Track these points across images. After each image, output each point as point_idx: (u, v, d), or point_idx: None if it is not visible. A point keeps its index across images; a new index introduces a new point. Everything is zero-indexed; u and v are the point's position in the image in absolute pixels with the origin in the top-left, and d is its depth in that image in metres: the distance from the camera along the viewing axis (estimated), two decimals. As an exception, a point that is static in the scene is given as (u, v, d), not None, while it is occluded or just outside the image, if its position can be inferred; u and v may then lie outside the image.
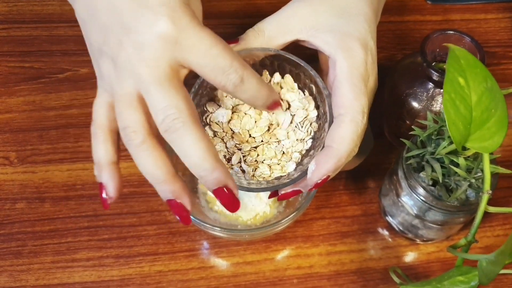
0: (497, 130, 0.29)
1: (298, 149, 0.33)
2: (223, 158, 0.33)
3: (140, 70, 0.27)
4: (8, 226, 0.42)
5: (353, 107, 0.31)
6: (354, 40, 0.32)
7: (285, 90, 0.34)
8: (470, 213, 0.36)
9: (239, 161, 0.33)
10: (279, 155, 0.33)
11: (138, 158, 0.28)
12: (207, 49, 0.27)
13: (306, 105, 0.34)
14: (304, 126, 0.33)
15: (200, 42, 0.27)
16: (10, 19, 0.51)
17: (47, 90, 0.48)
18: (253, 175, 0.32)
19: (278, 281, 0.41)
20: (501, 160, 0.43)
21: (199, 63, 0.27)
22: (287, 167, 0.33)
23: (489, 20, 0.54)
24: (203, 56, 0.27)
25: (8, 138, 0.45)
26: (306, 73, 0.33)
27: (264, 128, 0.33)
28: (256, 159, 0.33)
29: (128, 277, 0.40)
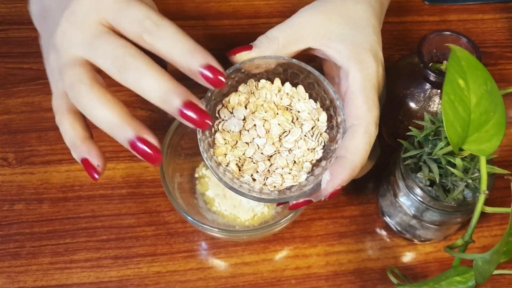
0: (495, 133, 0.29)
1: (309, 158, 0.33)
2: (235, 167, 0.32)
3: (75, 32, 0.27)
4: (6, 227, 0.42)
5: (366, 118, 0.31)
6: (366, 51, 0.33)
7: (296, 100, 0.34)
8: (467, 214, 0.36)
9: (252, 170, 0.33)
10: (291, 164, 0.33)
11: (90, 107, 0.27)
12: (122, 5, 0.27)
13: (315, 115, 0.34)
14: (315, 135, 0.33)
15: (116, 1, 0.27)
16: (9, 20, 0.51)
17: (46, 91, 0.48)
18: (265, 184, 0.33)
19: (276, 281, 0.41)
20: (498, 160, 0.43)
21: (115, 19, 0.27)
22: (299, 176, 0.33)
23: (486, 20, 0.54)
24: (117, 11, 0.27)
25: (6, 139, 0.45)
26: (319, 83, 0.33)
27: (276, 138, 0.33)
28: (269, 168, 0.33)
29: (127, 278, 0.40)
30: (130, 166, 0.45)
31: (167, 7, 0.53)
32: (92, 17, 0.27)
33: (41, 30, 0.33)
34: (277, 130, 0.33)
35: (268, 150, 0.33)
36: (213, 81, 0.27)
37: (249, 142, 0.33)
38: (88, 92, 0.26)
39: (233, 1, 0.54)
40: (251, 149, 0.33)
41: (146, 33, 0.27)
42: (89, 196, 0.43)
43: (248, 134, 0.33)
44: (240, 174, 0.33)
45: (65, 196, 0.43)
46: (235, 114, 0.33)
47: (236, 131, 0.33)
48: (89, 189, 0.44)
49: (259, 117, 0.33)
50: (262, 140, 0.33)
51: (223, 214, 0.42)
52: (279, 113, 0.34)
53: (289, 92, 0.34)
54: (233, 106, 0.33)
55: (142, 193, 0.44)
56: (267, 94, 0.34)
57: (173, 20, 0.54)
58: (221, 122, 0.33)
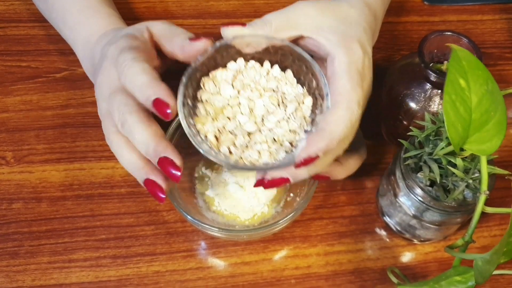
0: (496, 132, 0.29)
1: (290, 139, 0.33)
2: (213, 138, 0.33)
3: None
4: (4, 226, 0.41)
5: (349, 95, 0.32)
6: (355, 41, 0.34)
7: (283, 83, 0.34)
8: (468, 214, 0.36)
9: (230, 142, 0.33)
10: (270, 141, 0.33)
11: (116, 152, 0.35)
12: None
13: (301, 98, 0.34)
14: (298, 118, 0.33)
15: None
16: (6, 18, 0.51)
17: (44, 89, 0.48)
18: (241, 157, 0.32)
19: (276, 281, 0.41)
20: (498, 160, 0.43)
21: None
22: (276, 154, 0.33)
23: (486, 21, 0.54)
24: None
25: (4, 138, 0.45)
26: (308, 67, 0.34)
27: (259, 118, 0.33)
28: (247, 143, 0.33)
29: (126, 277, 0.40)
30: (129, 165, 0.44)
31: (167, 6, 0.53)
32: (112, 75, 0.34)
33: (93, 78, 0.40)
34: (261, 110, 0.33)
35: (249, 127, 0.33)
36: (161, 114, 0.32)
37: (231, 117, 0.33)
38: (113, 139, 0.34)
39: (232, 0, 0.54)
40: (232, 124, 0.33)
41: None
42: (88, 195, 0.43)
43: (231, 110, 0.33)
44: (218, 146, 0.33)
45: (64, 195, 0.43)
46: (221, 90, 0.34)
47: (220, 106, 0.33)
48: (88, 188, 0.43)
49: (244, 96, 0.33)
50: (245, 117, 0.33)
51: (223, 213, 0.42)
52: (265, 95, 0.34)
53: (277, 76, 0.35)
54: (219, 81, 0.34)
55: (142, 192, 0.43)
56: (256, 76, 0.34)
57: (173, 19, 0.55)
58: (205, 93, 0.34)
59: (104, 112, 0.35)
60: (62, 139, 0.46)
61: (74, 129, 0.46)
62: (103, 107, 0.35)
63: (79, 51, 0.42)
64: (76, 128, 0.46)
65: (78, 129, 0.46)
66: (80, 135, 0.46)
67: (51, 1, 0.44)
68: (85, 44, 0.40)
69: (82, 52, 0.41)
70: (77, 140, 0.45)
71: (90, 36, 0.40)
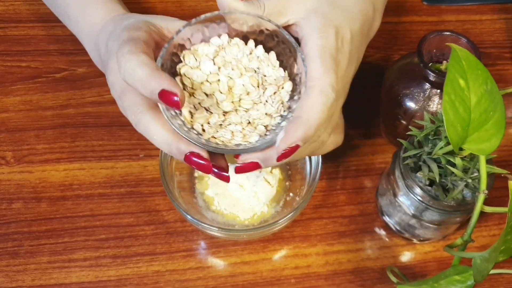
0: (495, 132, 0.30)
1: (265, 122, 0.32)
2: (188, 114, 0.32)
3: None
4: (4, 226, 0.41)
5: (322, 80, 0.31)
6: (332, 25, 0.33)
7: (265, 64, 0.34)
8: (467, 213, 0.36)
9: (204, 120, 0.32)
10: (245, 123, 0.32)
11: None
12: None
13: (281, 82, 0.34)
14: (275, 102, 0.33)
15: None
16: (6, 18, 0.51)
17: (44, 89, 0.48)
18: (213, 136, 0.32)
19: (276, 281, 0.41)
20: (497, 160, 0.44)
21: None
22: (250, 136, 0.32)
23: (484, 21, 0.54)
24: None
25: (4, 138, 0.45)
26: (292, 51, 0.33)
27: (236, 97, 0.33)
28: (221, 122, 0.32)
29: (126, 277, 0.40)
30: (129, 165, 0.45)
31: (166, 6, 0.53)
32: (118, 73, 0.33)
33: (103, 70, 0.39)
34: (240, 89, 0.33)
35: (225, 106, 0.32)
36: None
37: (208, 94, 0.32)
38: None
39: (232, 0, 0.54)
40: (209, 101, 0.32)
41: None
42: (87, 195, 0.43)
43: (210, 86, 0.32)
44: (191, 122, 0.32)
45: (64, 195, 0.43)
46: (201, 65, 0.33)
47: (198, 81, 0.32)
48: (88, 188, 0.43)
49: (224, 73, 0.33)
50: (222, 96, 0.32)
51: (223, 213, 0.42)
52: (246, 75, 0.33)
53: (260, 56, 0.34)
54: (200, 55, 0.33)
55: (141, 192, 0.44)
56: (238, 53, 0.33)
57: (172, 19, 0.54)
58: (184, 66, 0.33)
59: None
60: (62, 139, 0.46)
61: (74, 129, 0.46)
62: (120, 105, 0.35)
63: (85, 43, 0.41)
64: (76, 128, 0.46)
65: (78, 129, 0.46)
66: (80, 135, 0.46)
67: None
68: (89, 35, 0.40)
69: (88, 44, 0.40)
70: (76, 140, 0.46)
71: (92, 27, 0.39)
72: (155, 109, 0.32)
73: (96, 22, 0.39)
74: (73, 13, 0.42)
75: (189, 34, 0.33)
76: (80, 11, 0.41)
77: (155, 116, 0.31)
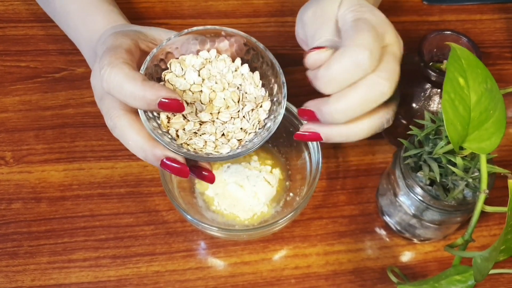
0: (495, 131, 0.29)
1: (239, 136, 0.33)
2: (165, 118, 0.33)
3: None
4: (3, 227, 0.41)
5: (353, 39, 0.31)
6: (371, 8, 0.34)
7: (248, 83, 0.35)
8: (467, 213, 0.36)
9: (179, 126, 0.33)
10: (219, 134, 0.33)
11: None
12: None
13: (260, 101, 0.35)
14: (252, 118, 0.34)
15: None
16: (6, 18, 0.51)
17: (43, 89, 0.48)
18: (186, 143, 0.33)
19: (276, 281, 0.40)
20: (498, 159, 0.44)
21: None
22: (221, 148, 0.33)
23: (485, 21, 0.54)
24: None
25: (3, 138, 0.45)
26: (274, 74, 0.34)
27: (215, 109, 0.33)
28: (196, 131, 0.33)
29: (125, 277, 0.40)
30: (129, 165, 0.45)
31: (166, 6, 0.53)
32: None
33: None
34: (220, 103, 0.33)
35: (203, 116, 0.33)
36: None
37: (189, 103, 0.33)
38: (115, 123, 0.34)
39: (232, 0, 0.54)
40: (188, 109, 0.33)
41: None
42: (87, 195, 0.43)
43: (191, 95, 0.33)
44: (167, 126, 0.33)
45: (63, 195, 0.43)
46: (186, 74, 0.34)
47: (181, 89, 0.33)
48: (87, 188, 0.43)
49: (208, 85, 0.33)
50: (202, 106, 0.33)
51: (223, 213, 0.42)
52: (228, 90, 0.34)
53: (244, 74, 0.35)
54: (187, 65, 0.34)
55: (141, 192, 0.43)
56: (224, 69, 0.34)
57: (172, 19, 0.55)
58: (170, 73, 0.34)
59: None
60: (61, 139, 0.45)
61: (73, 129, 0.46)
62: (100, 108, 0.35)
63: (84, 51, 0.42)
64: (75, 128, 0.46)
65: (77, 129, 0.46)
66: (79, 135, 0.46)
67: (53, 4, 0.44)
68: (88, 44, 0.40)
69: (87, 52, 0.41)
70: (76, 140, 0.45)
71: (91, 36, 0.40)
72: (132, 114, 0.32)
73: (96, 31, 0.40)
74: (73, 21, 0.42)
75: (179, 43, 0.34)
76: (80, 19, 0.41)
77: (131, 122, 0.32)
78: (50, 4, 0.44)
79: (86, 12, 0.41)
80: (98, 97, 0.35)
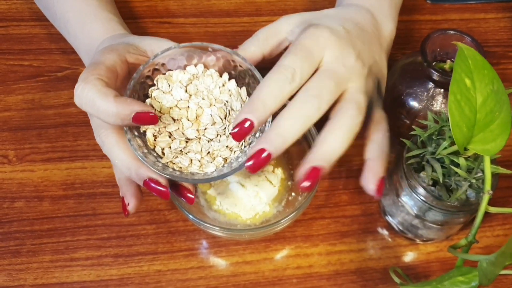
0: (500, 132, 0.29)
1: (224, 155, 0.33)
2: (151, 136, 0.33)
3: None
4: (6, 225, 0.41)
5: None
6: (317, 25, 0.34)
7: (234, 98, 0.34)
8: (470, 213, 0.36)
9: (165, 144, 0.33)
10: (204, 152, 0.33)
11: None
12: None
13: None
14: None
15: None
16: (9, 17, 0.51)
17: (46, 88, 0.48)
18: (172, 162, 0.33)
19: (278, 280, 0.40)
20: (501, 160, 0.43)
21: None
22: (206, 166, 0.33)
23: (489, 19, 0.54)
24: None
25: (6, 137, 0.45)
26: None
27: (202, 126, 0.33)
28: (182, 149, 0.33)
29: (127, 276, 0.40)
30: (131, 164, 0.44)
31: (168, 5, 0.53)
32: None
33: None
34: (207, 119, 0.33)
35: (190, 133, 0.33)
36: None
37: (176, 119, 0.33)
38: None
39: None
40: (174, 126, 0.33)
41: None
42: (89, 194, 0.43)
43: (178, 112, 0.33)
44: (153, 144, 0.33)
45: (66, 194, 0.43)
46: (173, 90, 0.33)
47: (167, 105, 0.33)
48: (90, 187, 0.43)
49: (195, 101, 0.33)
50: (189, 123, 0.33)
51: (225, 212, 0.42)
52: (215, 106, 0.34)
53: (231, 90, 0.35)
54: (174, 81, 0.34)
55: (143, 191, 0.43)
56: (211, 84, 0.34)
57: (174, 18, 0.54)
58: (156, 90, 0.34)
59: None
60: (63, 138, 0.46)
61: (75, 128, 0.46)
62: (91, 123, 0.36)
63: (84, 59, 0.42)
64: (77, 127, 0.46)
65: (80, 128, 0.46)
66: (82, 134, 0.46)
67: (53, 9, 0.44)
68: (87, 52, 0.40)
69: (86, 59, 0.41)
70: (78, 139, 0.45)
71: (90, 44, 0.40)
72: (119, 133, 0.32)
73: (94, 39, 0.40)
74: (73, 29, 0.42)
75: (165, 59, 0.34)
76: (79, 27, 0.41)
77: (118, 140, 0.32)
78: (50, 10, 0.44)
79: (85, 20, 0.41)
80: (89, 113, 0.35)
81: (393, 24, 0.41)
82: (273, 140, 0.30)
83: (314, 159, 0.31)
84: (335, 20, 0.35)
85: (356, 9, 0.38)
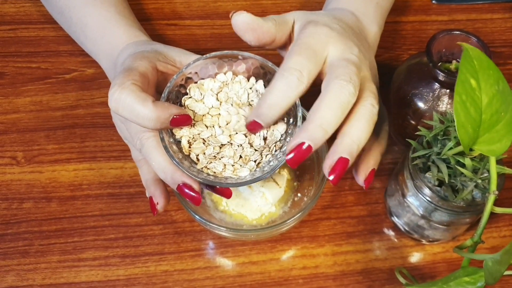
0: (506, 133, 0.29)
1: (255, 158, 0.34)
2: (186, 143, 0.33)
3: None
4: (15, 226, 0.42)
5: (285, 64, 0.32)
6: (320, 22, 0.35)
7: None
8: (476, 214, 0.36)
9: (200, 151, 0.33)
10: (237, 157, 0.34)
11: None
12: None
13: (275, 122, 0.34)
14: (268, 140, 0.34)
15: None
16: (17, 20, 0.52)
17: (54, 90, 0.48)
18: (206, 167, 0.33)
19: (284, 281, 0.41)
20: (508, 160, 0.43)
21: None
22: (239, 171, 0.33)
23: (495, 20, 0.53)
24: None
25: (15, 138, 0.46)
26: None
27: (233, 131, 0.34)
28: (216, 155, 0.33)
29: (134, 276, 0.40)
30: (138, 165, 0.45)
31: (175, 7, 0.53)
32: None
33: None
34: (237, 125, 0.34)
35: (222, 139, 0.34)
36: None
37: (209, 126, 0.34)
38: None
39: (240, 0, 0.54)
40: (208, 133, 0.34)
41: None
42: (97, 195, 0.44)
43: (210, 119, 0.34)
44: (188, 151, 0.33)
45: (73, 194, 0.43)
46: (205, 99, 0.34)
47: (200, 113, 0.34)
48: (97, 188, 0.44)
49: (225, 108, 0.34)
50: (220, 130, 0.34)
51: (231, 213, 0.42)
52: (245, 110, 0.34)
53: (259, 89, 0.35)
54: (206, 89, 0.35)
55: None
56: (240, 90, 0.35)
57: (181, 20, 0.55)
58: (189, 98, 0.34)
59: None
60: (71, 139, 0.46)
61: (83, 130, 0.46)
62: (121, 129, 0.38)
63: (103, 64, 0.42)
64: (85, 129, 0.46)
65: (87, 129, 0.46)
66: (89, 135, 0.46)
67: (68, 15, 0.44)
68: (108, 58, 0.41)
69: (107, 65, 0.41)
70: (86, 140, 0.46)
71: (112, 50, 0.40)
72: (158, 137, 0.33)
73: (117, 45, 0.40)
74: (92, 34, 0.42)
75: (197, 68, 0.35)
76: (99, 33, 0.42)
77: (157, 144, 0.33)
78: (65, 15, 0.44)
79: (105, 26, 0.41)
80: (120, 119, 0.36)
81: (378, 28, 0.41)
82: (313, 132, 0.30)
83: (339, 150, 0.31)
84: (329, 19, 0.36)
85: (341, 12, 0.39)
